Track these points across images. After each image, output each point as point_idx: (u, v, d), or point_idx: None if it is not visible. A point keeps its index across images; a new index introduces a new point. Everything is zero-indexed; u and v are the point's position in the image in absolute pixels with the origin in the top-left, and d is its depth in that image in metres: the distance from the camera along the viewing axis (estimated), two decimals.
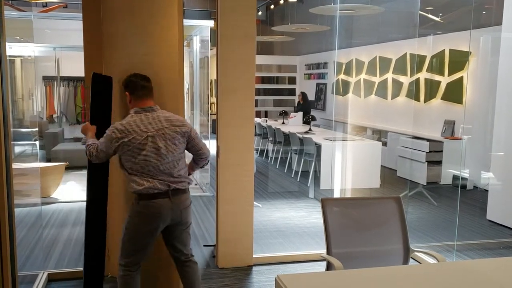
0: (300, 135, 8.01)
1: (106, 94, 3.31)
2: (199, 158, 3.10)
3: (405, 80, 9.52)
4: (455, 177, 7.50)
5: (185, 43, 9.37)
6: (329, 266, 2.66)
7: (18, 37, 7.95)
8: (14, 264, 3.10)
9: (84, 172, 4.53)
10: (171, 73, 3.16)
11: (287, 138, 8.65)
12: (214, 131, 4.40)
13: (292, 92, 14.73)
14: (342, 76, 12.11)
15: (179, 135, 2.95)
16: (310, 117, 8.90)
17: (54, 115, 11.30)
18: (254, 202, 4.36)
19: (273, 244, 4.77)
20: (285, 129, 9.01)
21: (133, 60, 3.45)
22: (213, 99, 12.14)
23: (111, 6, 3.59)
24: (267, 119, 11.70)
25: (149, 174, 2.87)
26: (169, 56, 3.21)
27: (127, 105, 3.05)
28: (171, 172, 2.92)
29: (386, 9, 8.50)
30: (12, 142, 3.14)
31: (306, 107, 10.80)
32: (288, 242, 4.87)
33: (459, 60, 7.97)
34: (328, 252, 2.69)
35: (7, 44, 3.02)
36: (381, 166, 7.55)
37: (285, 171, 8.63)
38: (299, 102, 11.23)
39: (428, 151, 7.65)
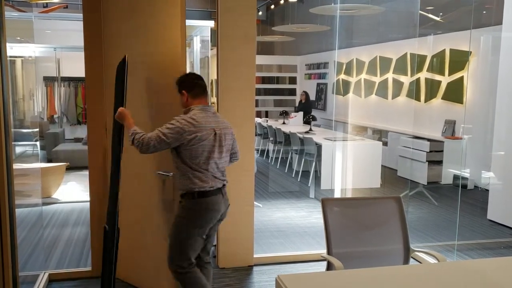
0: (301, 135, 8.02)
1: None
2: (234, 158, 3.21)
3: (406, 80, 9.52)
4: (456, 177, 7.50)
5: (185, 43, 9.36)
6: (330, 266, 2.66)
7: (18, 38, 7.96)
8: (15, 265, 3.11)
9: (85, 173, 4.53)
10: (174, 74, 3.16)
11: (288, 138, 8.65)
12: None
13: (292, 92, 14.73)
14: (342, 76, 12.11)
15: (231, 136, 3.07)
16: (311, 117, 8.90)
17: (55, 116, 11.32)
18: (255, 202, 4.36)
19: (274, 244, 4.77)
20: (286, 129, 9.01)
21: (135, 60, 3.46)
22: (214, 99, 12.15)
23: (113, 6, 3.59)
24: (267, 119, 11.71)
25: (210, 171, 2.92)
26: (172, 56, 3.21)
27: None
28: (224, 170, 3.04)
29: (386, 9, 8.50)
30: (13, 143, 3.15)
31: (307, 107, 10.82)
32: (288, 242, 4.88)
33: (459, 59, 7.96)
34: (329, 252, 2.69)
35: (7, 44, 3.03)
36: (382, 166, 7.54)
37: (286, 171, 8.63)
38: (300, 101, 11.24)
39: (428, 150, 7.65)
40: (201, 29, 7.73)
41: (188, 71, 10.36)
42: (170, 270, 3.02)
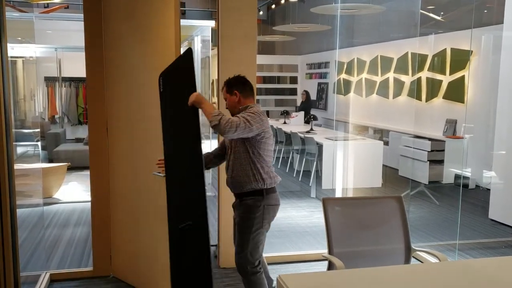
0: (302, 135, 8.01)
1: None
2: None
3: (407, 79, 9.51)
4: (457, 176, 7.49)
5: (186, 43, 9.38)
6: (331, 266, 2.66)
7: (19, 38, 7.97)
8: (17, 265, 3.11)
9: (86, 173, 4.53)
10: None
11: (289, 138, 8.65)
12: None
13: (293, 91, 14.73)
14: (343, 76, 12.11)
15: None
16: (312, 116, 8.90)
17: (56, 116, 11.33)
18: None
19: (275, 244, 4.77)
20: (287, 128, 9.01)
21: (131, 61, 3.46)
22: (215, 99, 12.14)
23: (111, 6, 3.60)
24: (268, 118, 11.68)
25: (271, 167, 3.03)
26: (166, 56, 3.21)
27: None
28: None
29: (387, 8, 8.49)
30: (14, 143, 3.15)
31: (307, 107, 10.90)
32: (290, 241, 4.88)
33: (460, 59, 7.96)
34: (330, 252, 2.69)
35: (8, 45, 3.03)
36: (383, 165, 7.54)
37: (287, 170, 8.63)
38: (302, 101, 11.28)
39: (430, 150, 7.64)
40: (202, 29, 7.73)
41: None
42: (242, 272, 3.06)
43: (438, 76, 8.51)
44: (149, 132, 3.37)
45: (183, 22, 7.80)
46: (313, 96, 13.77)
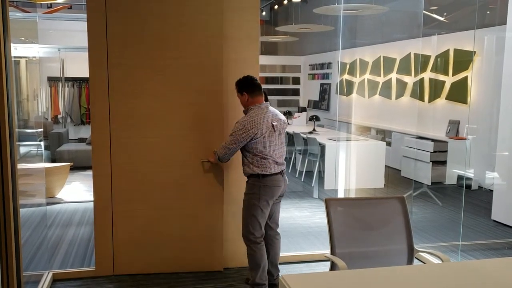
0: (304, 135, 8.01)
1: None
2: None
3: (410, 80, 9.50)
4: (460, 177, 7.48)
5: None
6: (333, 266, 2.66)
7: (23, 38, 7.98)
8: (19, 265, 3.12)
9: (89, 173, 4.54)
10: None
11: (291, 138, 8.65)
12: None
13: (296, 92, 14.73)
14: (346, 76, 12.10)
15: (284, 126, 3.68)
16: (315, 117, 8.91)
17: (59, 116, 11.35)
18: None
19: None
20: (289, 129, 9.00)
21: (134, 61, 3.47)
22: None
23: (115, 7, 3.61)
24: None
25: (269, 157, 3.45)
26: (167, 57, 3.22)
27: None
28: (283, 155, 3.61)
29: (390, 9, 8.49)
30: (17, 143, 3.16)
31: None
32: (292, 242, 4.87)
33: (463, 59, 7.94)
34: (332, 252, 2.69)
35: (12, 45, 3.03)
36: (385, 166, 7.53)
37: (289, 171, 8.63)
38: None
39: (432, 151, 7.63)
40: None
41: None
42: (246, 242, 3.53)
43: (441, 77, 8.50)
44: (152, 132, 3.38)
45: None
46: (316, 97, 13.78)
